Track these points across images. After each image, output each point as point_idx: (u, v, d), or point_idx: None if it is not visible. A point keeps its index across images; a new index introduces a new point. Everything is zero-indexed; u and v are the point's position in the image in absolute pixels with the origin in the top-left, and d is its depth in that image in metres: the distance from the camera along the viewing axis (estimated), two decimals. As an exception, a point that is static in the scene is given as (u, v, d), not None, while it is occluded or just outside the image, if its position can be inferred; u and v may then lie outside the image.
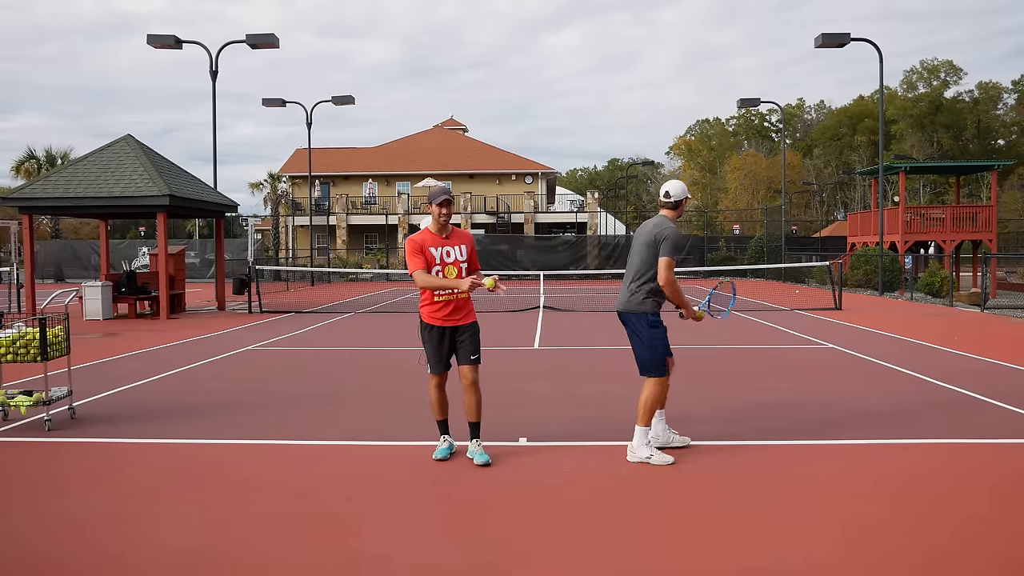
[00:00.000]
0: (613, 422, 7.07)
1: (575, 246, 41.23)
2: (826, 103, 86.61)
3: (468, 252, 5.81)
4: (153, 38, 24.28)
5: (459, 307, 5.76)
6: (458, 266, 5.75)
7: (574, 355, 11.47)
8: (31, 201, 17.39)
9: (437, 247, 5.71)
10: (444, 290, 5.66)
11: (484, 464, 5.65)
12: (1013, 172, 60.18)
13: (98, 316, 17.47)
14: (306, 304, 22.12)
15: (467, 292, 5.72)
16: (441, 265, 5.70)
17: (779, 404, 7.82)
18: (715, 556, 4.05)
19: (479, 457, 5.70)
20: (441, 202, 5.68)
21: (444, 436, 5.96)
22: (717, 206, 68.83)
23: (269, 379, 9.59)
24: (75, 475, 5.63)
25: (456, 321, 5.76)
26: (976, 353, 11.21)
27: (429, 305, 5.75)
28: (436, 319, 5.74)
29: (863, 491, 5.07)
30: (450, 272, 5.71)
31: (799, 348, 12.20)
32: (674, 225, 5.79)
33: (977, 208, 30.69)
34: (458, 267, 5.75)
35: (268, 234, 50.63)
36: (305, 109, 33.87)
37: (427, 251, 5.68)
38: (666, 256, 5.59)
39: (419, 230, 5.83)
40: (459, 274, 5.73)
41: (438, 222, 5.72)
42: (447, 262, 5.72)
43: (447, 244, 5.75)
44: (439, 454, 5.85)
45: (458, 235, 5.85)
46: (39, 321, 6.86)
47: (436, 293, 5.69)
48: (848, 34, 24.30)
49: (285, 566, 3.96)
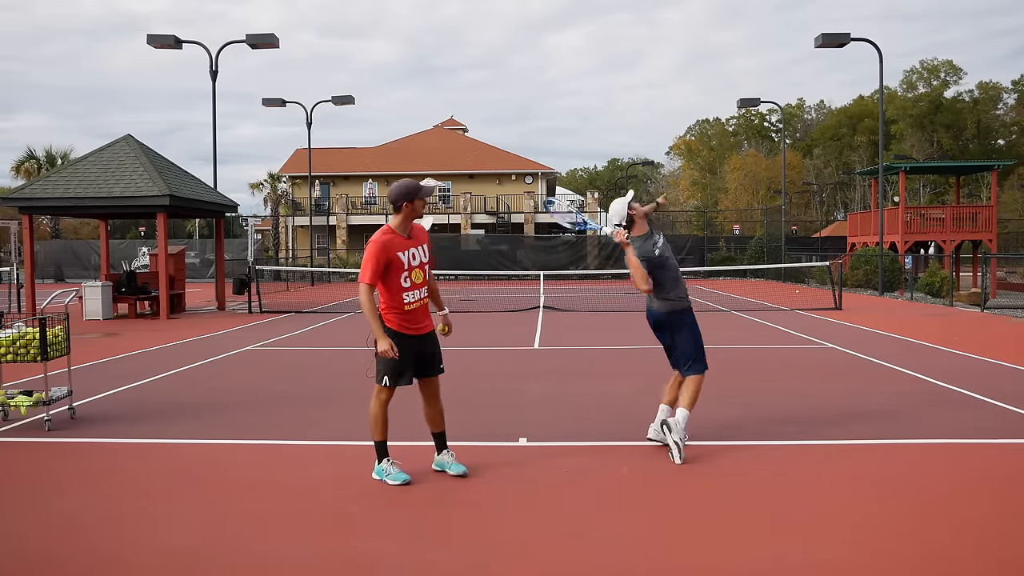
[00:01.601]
0: (613, 422, 7.07)
1: (575, 246, 41.22)
2: (826, 103, 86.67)
3: (429, 251, 5.35)
4: (153, 38, 24.28)
5: (425, 312, 5.34)
6: (423, 269, 5.26)
7: (574, 355, 11.47)
8: (31, 201, 17.39)
9: (404, 250, 5.18)
10: (377, 324, 5.12)
11: (461, 475, 5.37)
12: (1013, 172, 60.18)
13: (98, 316, 17.47)
14: (306, 304, 22.13)
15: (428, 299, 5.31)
16: (408, 270, 5.18)
17: (779, 404, 7.82)
18: (714, 556, 4.05)
19: (455, 468, 5.40)
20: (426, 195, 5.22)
21: (390, 459, 5.40)
22: (717, 206, 68.81)
23: (269, 379, 9.59)
24: (75, 475, 5.63)
25: (422, 329, 5.30)
26: (976, 353, 11.21)
27: (398, 312, 5.20)
28: (406, 327, 5.21)
29: (863, 491, 5.07)
30: (416, 276, 5.21)
31: (799, 348, 12.19)
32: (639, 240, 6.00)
33: (977, 208, 30.69)
34: (423, 270, 5.26)
35: (268, 234, 50.65)
36: (305, 109, 33.89)
37: (394, 256, 5.13)
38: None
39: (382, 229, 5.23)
40: (424, 280, 5.27)
41: (408, 220, 5.23)
42: (413, 266, 5.20)
43: (412, 245, 5.22)
44: (400, 479, 5.26)
45: (417, 232, 5.31)
46: (39, 321, 6.86)
47: (405, 301, 5.19)
48: (848, 34, 24.30)
49: (283, 566, 3.96)
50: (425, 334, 5.33)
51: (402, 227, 5.23)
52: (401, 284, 5.19)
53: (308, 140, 35.61)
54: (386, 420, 5.38)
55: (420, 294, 5.29)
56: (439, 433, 5.54)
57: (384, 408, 5.36)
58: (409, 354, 5.23)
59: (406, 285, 5.20)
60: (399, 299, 5.19)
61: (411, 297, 5.23)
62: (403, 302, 5.20)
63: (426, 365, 5.37)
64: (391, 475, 5.31)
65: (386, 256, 5.12)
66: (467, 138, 56.25)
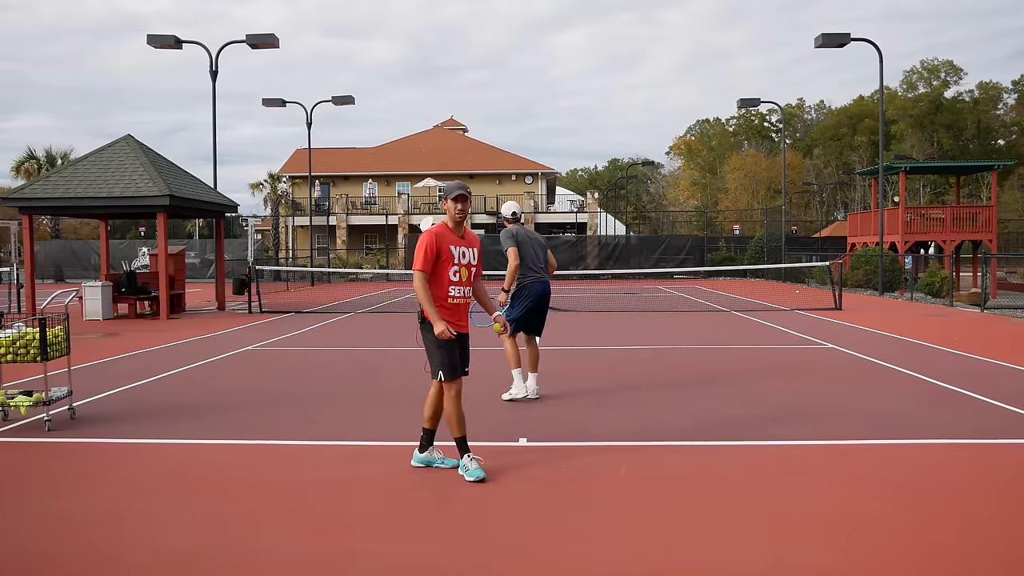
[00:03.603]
0: (613, 422, 7.07)
1: (575, 246, 41.21)
2: (826, 103, 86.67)
3: (478, 256, 5.57)
4: (153, 38, 24.27)
5: (465, 312, 5.56)
6: (469, 270, 5.49)
7: (574, 355, 11.46)
8: (31, 201, 17.39)
9: (456, 245, 5.43)
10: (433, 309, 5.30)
11: (480, 480, 5.28)
12: (1013, 172, 60.16)
13: (98, 316, 17.47)
14: (306, 304, 22.12)
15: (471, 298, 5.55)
16: (458, 266, 5.41)
17: (778, 404, 7.82)
18: (714, 557, 4.04)
19: (477, 473, 5.30)
20: (456, 197, 5.46)
21: (469, 455, 5.40)
22: (717, 206, 68.81)
23: (269, 379, 9.59)
24: (74, 475, 5.63)
25: (465, 326, 5.54)
26: (976, 353, 11.21)
27: (442, 305, 5.38)
28: (447, 322, 5.39)
29: (863, 491, 5.06)
30: (463, 274, 5.44)
31: (799, 348, 12.19)
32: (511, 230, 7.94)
33: (977, 208, 30.69)
34: (469, 271, 5.49)
35: (268, 234, 50.62)
36: (305, 109, 33.88)
37: (445, 248, 5.36)
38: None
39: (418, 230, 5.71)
40: (469, 278, 5.49)
41: (454, 219, 5.48)
42: (462, 263, 5.43)
43: (463, 244, 5.47)
44: (476, 475, 5.25)
45: (470, 237, 5.59)
46: (39, 321, 6.86)
47: (451, 295, 5.41)
48: (848, 34, 24.28)
49: (281, 566, 3.96)
50: (463, 334, 5.51)
51: (452, 225, 5.51)
52: (450, 277, 5.42)
53: (308, 140, 35.64)
54: (461, 416, 5.47)
55: (464, 291, 5.49)
56: (464, 437, 5.49)
57: (456, 403, 5.44)
58: (455, 348, 5.41)
59: (455, 279, 5.43)
60: (445, 291, 5.41)
61: (456, 292, 5.44)
62: (448, 294, 5.42)
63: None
64: (469, 471, 5.34)
65: (436, 246, 5.35)
66: (467, 138, 56.26)
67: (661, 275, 38.65)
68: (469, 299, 5.57)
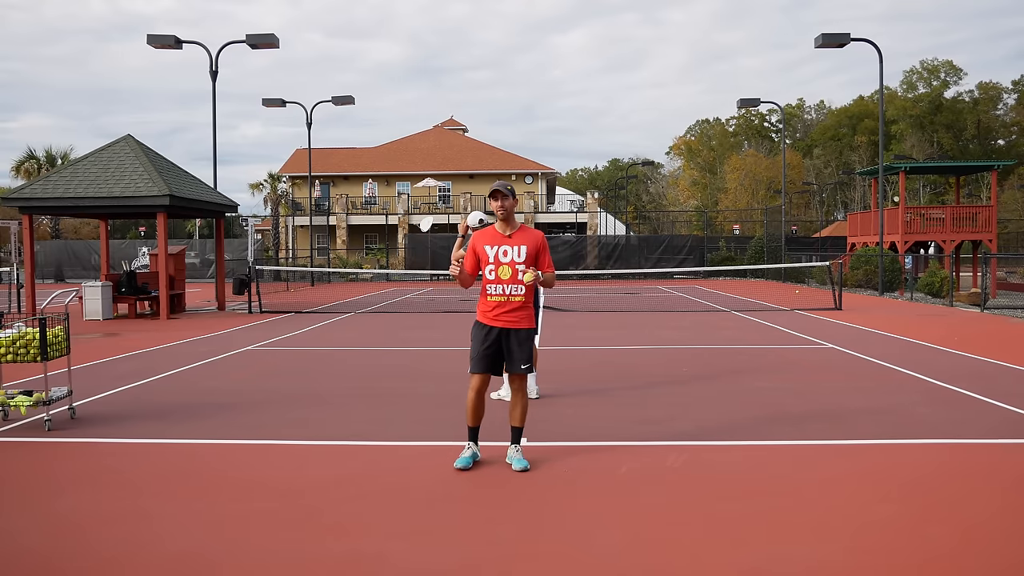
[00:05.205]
0: (613, 422, 7.07)
1: (575, 246, 41.21)
2: (826, 103, 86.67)
3: (528, 253, 5.53)
4: (153, 38, 24.25)
5: (513, 309, 5.55)
6: (513, 267, 5.51)
7: (574, 355, 11.46)
8: (31, 201, 17.39)
9: (494, 245, 5.54)
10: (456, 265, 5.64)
11: (523, 470, 5.47)
12: (1013, 172, 60.18)
13: (98, 316, 17.47)
14: (306, 304, 22.12)
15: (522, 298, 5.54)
16: (495, 264, 5.51)
17: (778, 404, 7.82)
18: (714, 557, 4.04)
19: (518, 463, 5.53)
20: (491, 194, 5.58)
21: (470, 443, 5.70)
22: (717, 206, 68.81)
23: (269, 379, 9.59)
24: (74, 475, 5.62)
25: (508, 323, 5.56)
26: (976, 353, 11.21)
27: (483, 300, 5.61)
28: (486, 317, 5.57)
29: (862, 492, 5.06)
30: (504, 272, 5.51)
31: (799, 348, 12.19)
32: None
33: (977, 208, 30.67)
34: (513, 268, 5.51)
35: (268, 234, 50.64)
36: (305, 109, 33.87)
37: (480, 249, 5.54)
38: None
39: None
40: (513, 275, 5.52)
41: (498, 217, 5.59)
42: (502, 261, 5.51)
43: (507, 243, 5.54)
44: (461, 463, 5.55)
45: (523, 234, 5.61)
46: (39, 321, 6.86)
47: (488, 292, 5.57)
48: (847, 34, 24.27)
49: (283, 566, 3.95)
50: (509, 330, 5.58)
51: (500, 223, 5.62)
52: (486, 276, 5.59)
53: (308, 140, 35.64)
54: (476, 408, 5.62)
55: (505, 289, 5.55)
56: (515, 428, 5.72)
57: (474, 394, 5.60)
58: (485, 341, 5.56)
59: (491, 278, 5.56)
60: (484, 288, 5.62)
61: (494, 290, 5.56)
62: (486, 292, 5.59)
63: (509, 361, 5.63)
64: (460, 457, 5.61)
65: (472, 246, 5.61)
66: (467, 138, 56.25)
67: (661, 275, 38.66)
68: (516, 298, 5.55)
